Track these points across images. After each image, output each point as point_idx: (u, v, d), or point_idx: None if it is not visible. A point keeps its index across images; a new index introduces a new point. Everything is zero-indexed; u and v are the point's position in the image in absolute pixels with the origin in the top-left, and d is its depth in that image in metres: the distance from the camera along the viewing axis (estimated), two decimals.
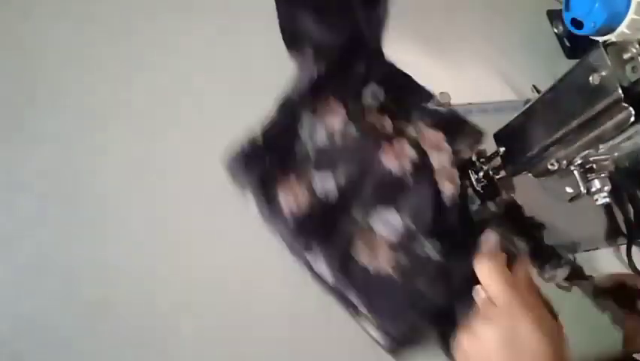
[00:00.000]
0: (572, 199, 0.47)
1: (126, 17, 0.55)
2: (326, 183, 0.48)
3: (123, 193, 0.48)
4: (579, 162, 0.44)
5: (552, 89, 0.44)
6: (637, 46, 0.37)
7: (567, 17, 0.45)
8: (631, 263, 0.61)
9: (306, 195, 0.47)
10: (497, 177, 0.54)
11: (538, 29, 0.70)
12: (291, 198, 0.47)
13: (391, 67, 0.56)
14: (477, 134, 0.54)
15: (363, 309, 0.46)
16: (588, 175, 0.45)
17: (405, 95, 0.55)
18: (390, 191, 0.49)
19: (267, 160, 0.48)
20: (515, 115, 0.50)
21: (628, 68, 0.37)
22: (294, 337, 0.48)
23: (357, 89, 0.53)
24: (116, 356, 0.43)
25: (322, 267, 0.46)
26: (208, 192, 0.50)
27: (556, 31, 0.70)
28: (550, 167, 0.46)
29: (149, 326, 0.45)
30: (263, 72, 0.55)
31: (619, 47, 0.38)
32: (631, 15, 0.37)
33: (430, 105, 0.55)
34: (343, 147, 0.49)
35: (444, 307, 0.45)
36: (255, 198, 0.47)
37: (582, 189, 0.45)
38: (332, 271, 0.46)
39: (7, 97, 0.49)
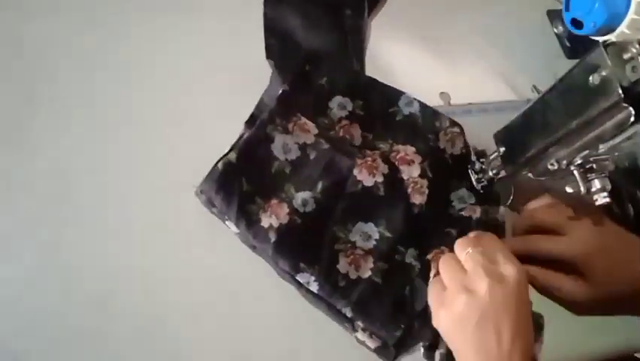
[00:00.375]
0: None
1: (126, 17, 0.55)
2: (305, 201, 0.49)
3: (123, 193, 0.48)
4: (579, 162, 0.44)
5: (552, 89, 0.44)
6: (637, 46, 0.37)
7: (567, 17, 0.45)
8: None
9: (286, 212, 0.48)
10: (497, 177, 0.54)
11: (538, 29, 0.70)
12: (273, 218, 0.47)
13: (355, 74, 0.57)
14: (455, 127, 0.55)
15: (358, 321, 0.47)
16: (588, 175, 0.45)
17: (372, 100, 0.56)
18: (365, 204, 0.50)
19: (243, 179, 0.48)
20: (515, 115, 0.50)
21: (628, 68, 0.37)
22: (293, 337, 0.48)
23: (323, 103, 0.55)
24: (117, 356, 0.43)
25: (315, 286, 0.47)
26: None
27: (556, 31, 0.70)
28: (550, 167, 0.46)
29: (149, 326, 0.45)
30: (263, 72, 0.55)
31: (619, 47, 0.38)
32: (631, 15, 0.37)
33: (401, 104, 0.56)
34: (317, 161, 0.50)
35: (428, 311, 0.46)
36: (236, 222, 0.47)
37: (582, 189, 0.45)
38: (324, 289, 0.47)
39: (7, 97, 0.49)
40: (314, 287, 0.47)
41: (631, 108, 0.37)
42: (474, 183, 0.55)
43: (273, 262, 0.48)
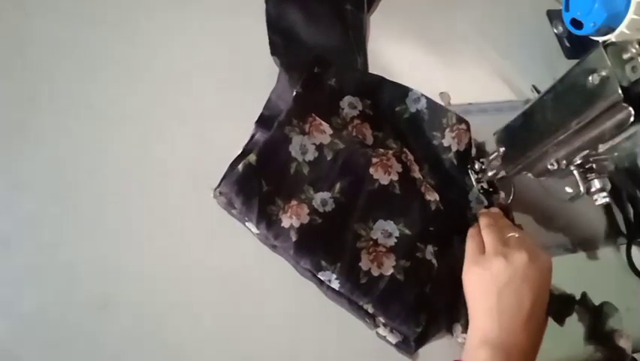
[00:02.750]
0: (571, 199, 0.47)
1: (126, 17, 0.55)
2: (324, 201, 0.49)
3: (123, 193, 0.48)
4: (579, 162, 0.44)
5: (552, 89, 0.44)
6: (637, 46, 0.37)
7: (567, 17, 0.45)
8: (631, 263, 0.61)
9: (306, 212, 0.48)
10: (497, 177, 0.54)
11: (538, 29, 0.70)
12: (294, 218, 0.48)
13: (362, 74, 0.58)
14: (462, 124, 0.55)
15: (379, 316, 0.48)
16: (588, 175, 0.45)
17: (380, 99, 0.57)
18: (384, 202, 0.51)
19: (263, 181, 0.48)
20: (515, 115, 0.50)
21: (628, 68, 0.37)
22: (293, 337, 0.48)
23: (335, 103, 0.55)
24: (116, 356, 0.43)
25: (337, 284, 0.47)
26: (208, 192, 0.50)
27: (556, 31, 0.70)
28: (550, 167, 0.46)
29: (149, 326, 0.45)
30: (263, 71, 0.55)
31: (619, 47, 0.38)
32: (631, 15, 0.37)
33: (409, 101, 0.57)
34: (334, 162, 0.51)
35: (449, 306, 0.49)
36: (257, 223, 0.48)
37: (582, 189, 0.45)
38: (345, 286, 0.47)
39: (7, 97, 0.49)
40: (335, 285, 0.47)
41: (631, 108, 0.37)
42: (474, 183, 0.55)
43: (295, 261, 0.48)
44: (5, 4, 0.52)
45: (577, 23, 0.43)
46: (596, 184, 0.45)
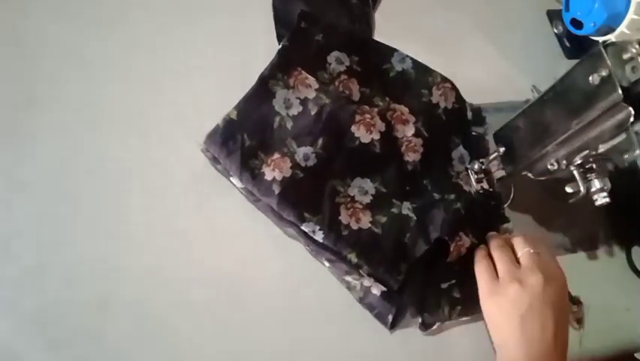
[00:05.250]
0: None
1: (126, 17, 0.55)
2: (306, 155, 0.50)
3: (123, 193, 0.48)
4: (579, 162, 0.44)
5: (552, 89, 0.44)
6: (637, 46, 0.37)
7: (567, 17, 0.45)
8: (631, 263, 0.61)
9: (288, 166, 0.49)
10: (497, 177, 0.54)
11: (538, 29, 0.70)
12: (276, 172, 0.48)
13: (350, 31, 0.58)
14: (447, 82, 0.57)
15: (363, 266, 0.48)
16: (588, 175, 0.45)
17: (367, 56, 0.57)
18: (362, 160, 0.52)
19: (245, 135, 0.49)
20: (515, 115, 0.50)
21: (628, 68, 0.38)
22: (293, 336, 0.48)
23: (321, 58, 0.56)
24: (116, 356, 0.43)
25: (320, 235, 0.48)
26: (208, 192, 0.50)
27: (556, 31, 0.70)
28: (550, 167, 0.46)
29: (148, 326, 0.45)
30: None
31: (619, 47, 0.38)
32: (631, 15, 0.37)
33: (394, 60, 0.58)
34: (318, 117, 0.51)
35: (427, 255, 0.49)
36: (240, 176, 0.48)
37: (582, 189, 0.45)
38: (330, 237, 0.48)
39: (7, 97, 0.49)
40: (319, 236, 0.47)
41: (631, 108, 0.37)
42: (473, 183, 0.55)
43: (278, 214, 0.48)
44: (5, 4, 0.52)
45: (577, 23, 0.43)
46: (596, 184, 0.45)
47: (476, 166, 0.55)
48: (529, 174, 0.49)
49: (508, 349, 0.43)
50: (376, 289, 0.48)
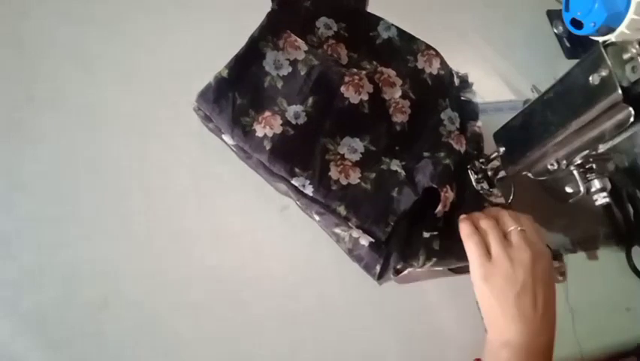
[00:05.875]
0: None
1: (126, 17, 0.55)
2: (297, 113, 0.51)
3: (123, 193, 0.48)
4: (579, 162, 0.44)
5: (552, 89, 0.44)
6: (637, 46, 0.37)
7: (567, 17, 0.45)
8: (631, 263, 0.61)
9: (279, 123, 0.50)
10: (497, 177, 0.54)
11: (538, 29, 0.70)
12: (267, 128, 0.49)
13: (338, 2, 0.59)
14: (431, 50, 0.58)
15: (352, 218, 0.49)
16: (588, 175, 0.45)
17: (355, 23, 0.59)
18: (351, 120, 0.53)
19: (236, 94, 0.50)
20: (515, 115, 0.49)
21: (628, 68, 0.37)
22: (293, 336, 0.48)
23: (310, 23, 0.57)
24: (116, 356, 0.43)
25: (310, 189, 0.49)
26: (208, 193, 0.50)
27: (556, 31, 0.70)
28: (550, 167, 0.46)
29: (148, 326, 0.45)
30: None
31: (619, 47, 0.38)
32: (631, 15, 0.37)
33: (380, 28, 0.59)
34: (307, 77, 0.52)
35: (415, 208, 0.50)
36: (231, 133, 0.49)
37: (582, 189, 0.45)
38: (320, 191, 0.49)
39: (7, 97, 0.49)
40: (309, 190, 0.49)
41: (631, 108, 0.37)
42: (473, 183, 0.55)
43: (269, 170, 0.50)
44: (6, 5, 0.52)
45: (577, 23, 0.43)
46: (596, 184, 0.45)
47: (476, 166, 0.55)
48: (529, 174, 0.49)
49: (499, 326, 0.44)
50: (364, 240, 0.48)
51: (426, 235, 0.49)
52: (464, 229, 0.48)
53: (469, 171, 0.55)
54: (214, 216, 0.50)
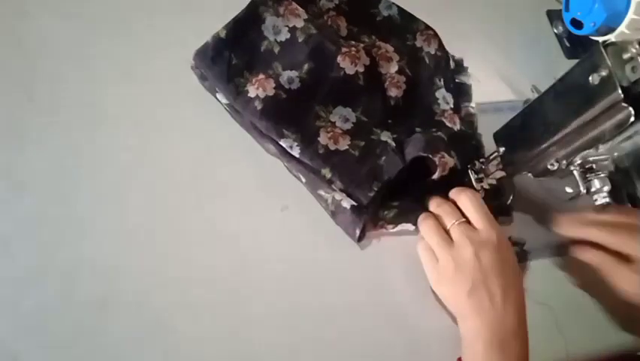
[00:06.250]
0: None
1: (126, 17, 0.55)
2: (291, 78, 0.52)
3: (123, 193, 0.48)
4: (579, 162, 0.44)
5: (552, 89, 0.44)
6: (637, 46, 0.37)
7: (567, 17, 0.45)
8: None
9: (272, 86, 0.51)
10: (497, 177, 0.54)
11: (538, 29, 0.70)
12: (260, 90, 0.50)
13: None
14: (430, 30, 0.59)
15: (336, 182, 0.50)
16: (588, 175, 0.45)
17: (356, 0, 0.60)
18: (345, 90, 0.54)
19: (232, 54, 0.51)
20: (515, 115, 0.50)
21: (628, 68, 0.37)
22: (293, 337, 0.48)
23: None
24: (116, 356, 0.43)
25: (297, 150, 0.50)
26: (207, 192, 0.50)
27: (556, 31, 0.70)
28: (550, 167, 0.46)
29: (148, 326, 0.45)
30: None
31: (619, 47, 0.38)
32: (631, 15, 0.37)
33: (381, 7, 0.60)
34: (305, 44, 0.53)
35: (399, 178, 0.51)
36: (224, 93, 0.51)
37: (582, 189, 0.45)
38: (306, 153, 0.50)
39: (7, 97, 0.49)
40: (296, 151, 0.50)
41: (631, 108, 0.37)
42: (474, 183, 0.55)
43: (258, 130, 0.51)
44: (5, 4, 0.52)
45: (577, 23, 0.43)
46: (596, 184, 0.45)
47: (476, 166, 0.55)
48: (529, 174, 0.49)
49: (466, 319, 0.45)
50: (346, 203, 0.49)
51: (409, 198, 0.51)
52: (418, 235, 0.50)
53: (469, 171, 0.55)
54: (214, 216, 0.50)
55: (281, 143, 0.50)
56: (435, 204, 0.50)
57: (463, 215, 0.48)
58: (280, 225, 0.51)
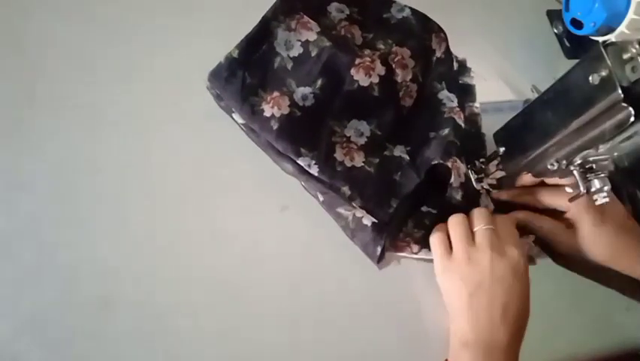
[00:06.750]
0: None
1: (126, 17, 0.55)
2: (305, 95, 0.52)
3: (123, 193, 0.48)
4: (579, 162, 0.44)
5: (552, 89, 0.44)
6: (637, 46, 0.37)
7: (567, 17, 0.45)
8: None
9: (287, 104, 0.50)
10: (497, 177, 0.54)
11: (538, 29, 0.70)
12: (275, 109, 0.50)
13: None
14: (442, 32, 0.59)
15: (356, 199, 0.50)
16: (588, 175, 0.45)
17: (366, 7, 0.59)
18: (360, 103, 0.53)
19: (246, 73, 0.51)
20: (515, 115, 0.50)
21: (628, 68, 0.37)
22: (293, 337, 0.48)
23: (322, 7, 0.58)
24: (116, 356, 0.43)
25: (316, 169, 0.49)
26: (207, 192, 0.50)
27: (556, 31, 0.70)
28: (550, 167, 0.46)
29: (149, 326, 0.45)
30: None
31: (619, 47, 0.38)
32: (631, 15, 0.37)
33: (394, 10, 0.60)
34: (318, 59, 0.53)
35: (416, 191, 0.51)
36: (240, 113, 0.50)
37: (582, 189, 0.45)
38: (324, 171, 0.50)
39: (7, 97, 0.49)
40: (314, 170, 0.49)
41: (631, 108, 0.37)
42: (474, 183, 0.55)
43: (275, 149, 0.50)
44: (6, 5, 0.52)
45: (577, 23, 0.43)
46: (596, 184, 0.45)
47: (477, 166, 0.55)
48: (529, 174, 0.49)
49: (457, 321, 0.45)
50: (367, 220, 0.49)
51: (424, 209, 0.50)
52: (435, 228, 0.49)
53: (470, 171, 0.55)
54: (214, 216, 0.50)
55: (299, 162, 0.49)
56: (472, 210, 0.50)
57: None
58: (280, 225, 0.51)
